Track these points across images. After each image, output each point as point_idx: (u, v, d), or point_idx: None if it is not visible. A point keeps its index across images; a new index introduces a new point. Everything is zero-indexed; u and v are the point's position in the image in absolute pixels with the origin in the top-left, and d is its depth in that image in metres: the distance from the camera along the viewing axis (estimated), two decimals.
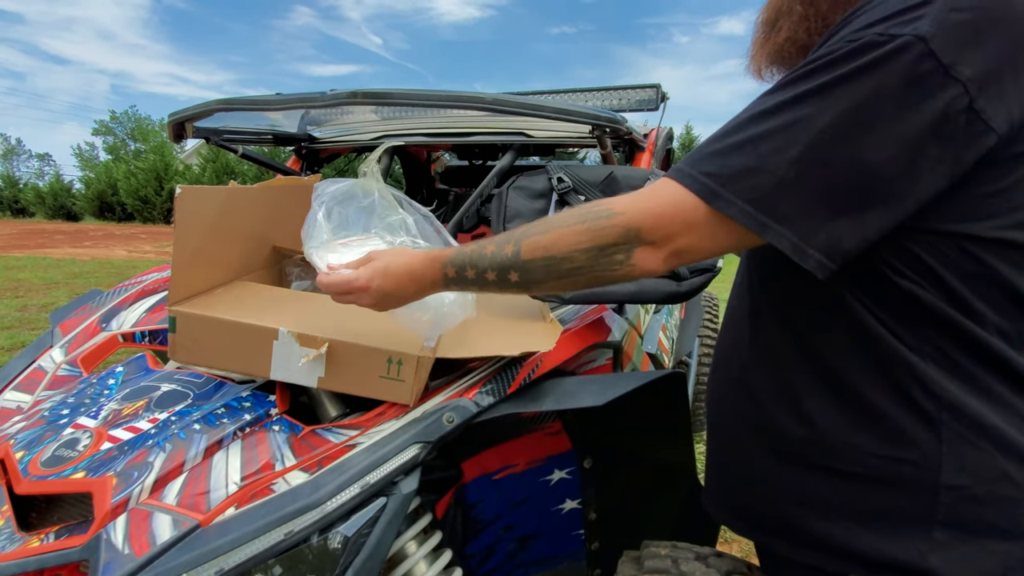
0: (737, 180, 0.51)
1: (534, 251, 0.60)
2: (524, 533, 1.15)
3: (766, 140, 0.51)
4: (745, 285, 0.69)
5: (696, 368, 2.45)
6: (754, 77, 0.72)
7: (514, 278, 0.62)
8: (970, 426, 0.52)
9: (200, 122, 1.31)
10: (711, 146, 0.55)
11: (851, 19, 0.52)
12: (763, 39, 0.69)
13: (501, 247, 0.63)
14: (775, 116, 0.51)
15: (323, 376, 0.81)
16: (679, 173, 0.55)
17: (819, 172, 0.49)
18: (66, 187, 18.84)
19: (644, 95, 1.59)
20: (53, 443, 0.77)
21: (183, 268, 0.84)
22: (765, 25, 0.68)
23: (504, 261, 0.62)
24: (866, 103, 0.48)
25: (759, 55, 0.70)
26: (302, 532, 0.63)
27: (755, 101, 0.55)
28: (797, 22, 0.64)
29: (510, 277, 0.62)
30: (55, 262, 7.50)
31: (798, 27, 0.64)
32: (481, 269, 0.64)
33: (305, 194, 1.10)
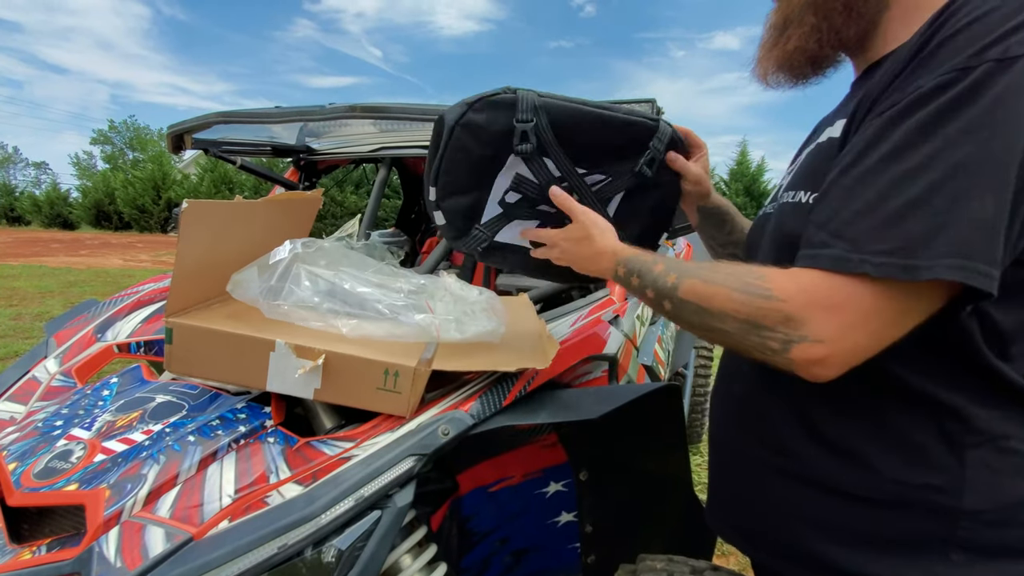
0: (930, 244, 0.46)
1: (690, 294, 0.59)
2: (520, 546, 1.14)
3: (938, 193, 0.46)
4: None
5: (692, 380, 2.45)
6: (759, 81, 0.71)
7: (667, 307, 0.62)
8: (993, 452, 0.52)
9: (199, 134, 1.32)
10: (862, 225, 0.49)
11: (930, 44, 0.50)
12: (771, 44, 0.68)
13: (667, 272, 0.63)
14: (932, 167, 0.46)
15: (319, 388, 0.81)
16: (839, 262, 0.49)
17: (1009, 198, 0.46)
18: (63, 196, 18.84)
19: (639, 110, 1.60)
20: (46, 455, 0.77)
21: (183, 280, 0.84)
22: (774, 29, 0.67)
23: (663, 288, 0.62)
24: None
25: (766, 59, 0.69)
26: (296, 545, 0.63)
27: (875, 159, 0.49)
28: (808, 32, 0.63)
29: (664, 304, 0.62)
30: (51, 271, 7.47)
31: (809, 37, 0.63)
32: (645, 283, 0.65)
33: (308, 209, 1.10)
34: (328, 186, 1.62)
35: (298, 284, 0.87)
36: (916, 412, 0.54)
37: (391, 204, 9.53)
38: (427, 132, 1.77)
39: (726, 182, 15.60)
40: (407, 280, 0.97)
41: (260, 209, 0.99)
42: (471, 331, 0.89)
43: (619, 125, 0.81)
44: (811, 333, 0.50)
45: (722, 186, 15.50)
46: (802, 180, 0.64)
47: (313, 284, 0.87)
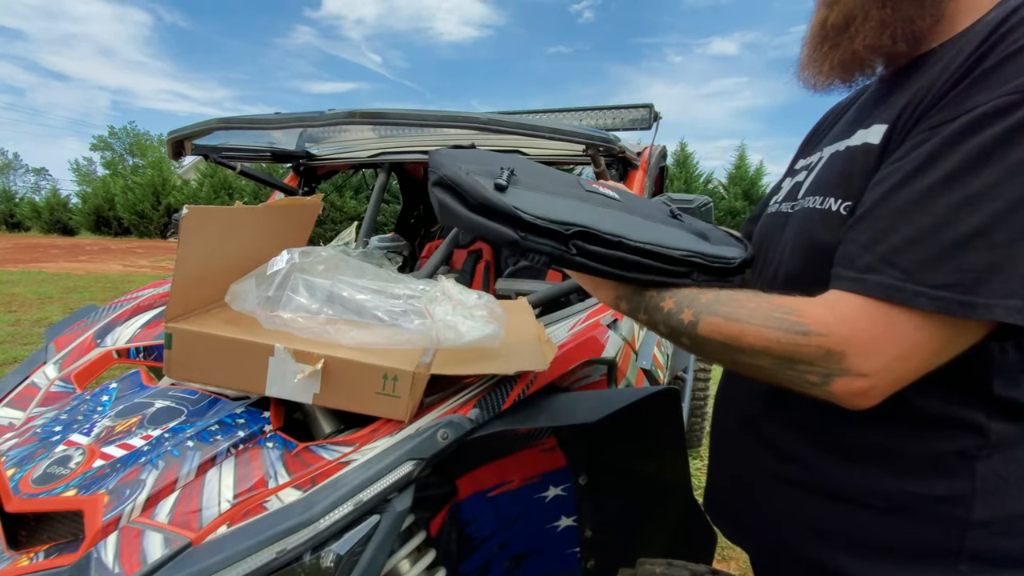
0: (990, 280, 0.44)
1: (713, 332, 0.55)
2: (519, 551, 1.14)
3: (1000, 226, 0.43)
4: None
5: (691, 384, 2.45)
6: (807, 86, 0.65)
7: (686, 343, 0.59)
8: (1004, 463, 0.52)
9: (199, 140, 1.33)
10: (917, 253, 0.46)
11: (991, 56, 0.47)
12: (829, 44, 0.61)
13: (679, 308, 0.58)
14: (993, 196, 0.44)
15: (318, 392, 0.81)
16: (891, 291, 0.46)
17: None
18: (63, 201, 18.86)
19: (637, 114, 1.62)
20: (45, 460, 0.77)
21: (182, 285, 0.84)
22: (833, 29, 0.60)
23: (678, 326, 0.58)
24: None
25: (822, 61, 0.62)
26: (295, 550, 0.63)
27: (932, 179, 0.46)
28: (877, 28, 0.57)
29: (682, 340, 0.59)
30: (50, 276, 7.47)
31: (880, 33, 0.57)
32: (654, 320, 0.61)
33: (307, 214, 1.11)
34: (328, 191, 1.63)
35: (296, 293, 0.87)
36: (928, 423, 0.54)
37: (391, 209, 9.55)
38: (425, 138, 1.78)
39: (725, 186, 15.63)
40: (405, 285, 0.97)
41: (260, 215, 1.00)
42: (470, 335, 0.89)
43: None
44: (854, 367, 0.47)
45: (720, 190, 15.54)
46: (830, 185, 0.60)
47: (311, 293, 0.88)
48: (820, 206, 0.59)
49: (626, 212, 0.68)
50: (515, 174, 0.64)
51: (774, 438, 0.64)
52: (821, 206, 0.59)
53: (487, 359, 0.88)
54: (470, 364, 0.86)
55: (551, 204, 0.60)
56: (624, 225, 0.62)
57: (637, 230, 0.62)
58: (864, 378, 0.47)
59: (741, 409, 0.71)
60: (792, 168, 0.77)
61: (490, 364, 0.86)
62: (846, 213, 0.55)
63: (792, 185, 0.71)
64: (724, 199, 15.02)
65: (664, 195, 1.42)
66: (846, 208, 0.55)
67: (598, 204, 0.67)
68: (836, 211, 0.57)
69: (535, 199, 0.60)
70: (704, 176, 15.70)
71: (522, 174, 0.67)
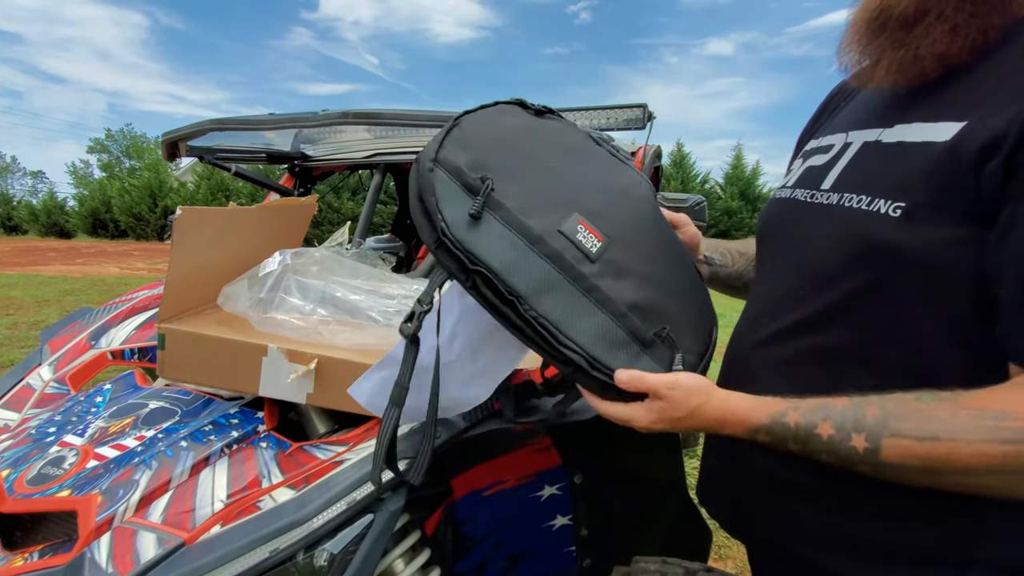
0: None
1: (907, 458, 0.48)
2: (515, 550, 1.14)
3: None
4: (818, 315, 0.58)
5: None
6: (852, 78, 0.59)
7: (864, 470, 0.51)
8: None
9: (194, 141, 1.33)
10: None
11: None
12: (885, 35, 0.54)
13: (845, 434, 0.50)
14: None
15: (312, 392, 0.81)
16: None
17: None
18: (59, 204, 18.81)
19: (631, 114, 1.61)
20: (39, 461, 0.77)
21: (176, 286, 0.84)
22: (898, 21, 0.52)
23: (851, 455, 0.50)
24: None
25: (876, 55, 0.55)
26: (288, 549, 0.63)
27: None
28: (949, 33, 0.50)
29: (858, 468, 0.51)
30: (47, 279, 7.45)
31: (951, 40, 0.50)
32: (812, 451, 0.53)
33: (302, 215, 1.11)
34: (324, 192, 1.63)
35: (289, 294, 0.87)
36: None
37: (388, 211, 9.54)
38: (420, 138, 1.78)
39: (721, 186, 15.67)
40: (399, 285, 0.97)
41: (254, 215, 1.00)
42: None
43: None
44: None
45: (717, 190, 15.58)
46: (876, 185, 0.54)
47: (304, 294, 0.88)
48: (868, 207, 0.54)
49: (569, 279, 0.61)
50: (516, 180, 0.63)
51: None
52: (869, 207, 0.54)
53: None
54: None
55: (484, 236, 0.59)
56: (539, 289, 0.59)
57: (551, 301, 0.59)
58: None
59: None
60: (803, 149, 0.71)
61: None
62: (897, 214, 0.51)
63: (806, 169, 0.65)
64: (721, 199, 15.06)
65: (659, 194, 1.42)
66: (897, 209, 0.51)
67: (547, 251, 0.61)
68: (885, 213, 0.52)
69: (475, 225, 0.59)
70: (701, 176, 15.73)
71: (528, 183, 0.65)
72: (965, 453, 0.45)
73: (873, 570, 0.56)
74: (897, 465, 0.48)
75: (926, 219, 0.49)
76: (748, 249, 0.89)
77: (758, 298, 0.69)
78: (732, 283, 0.88)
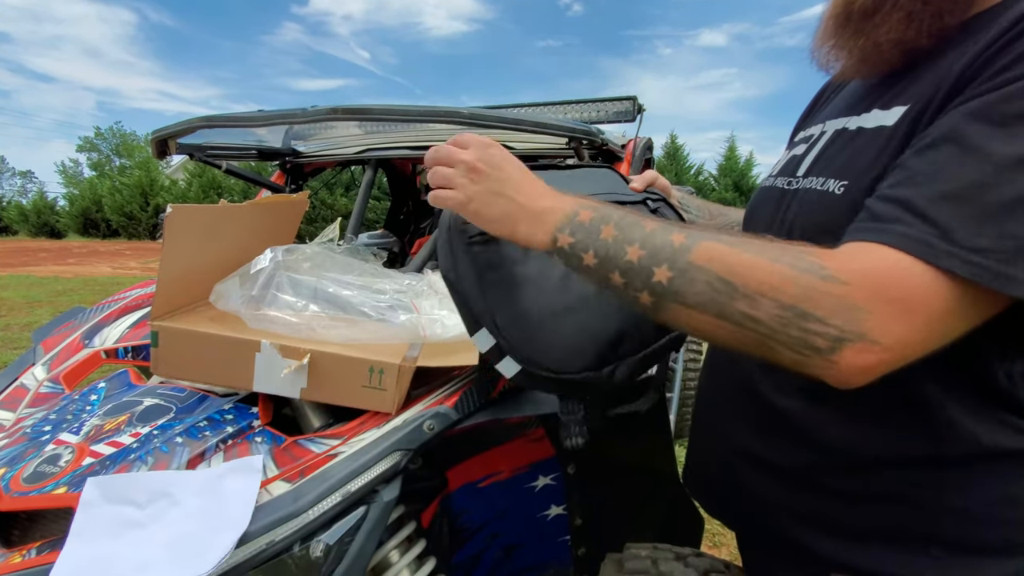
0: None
1: (710, 260, 0.45)
2: (510, 541, 1.16)
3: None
4: None
5: (681, 375, 2.47)
6: (822, 69, 0.61)
7: (660, 275, 0.47)
8: (981, 451, 0.51)
9: (184, 139, 1.33)
10: (954, 211, 0.41)
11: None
12: (850, 29, 0.56)
13: (666, 230, 0.48)
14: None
15: (305, 387, 0.82)
16: (922, 247, 0.41)
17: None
18: (49, 204, 18.64)
19: (621, 107, 1.63)
20: (35, 459, 0.77)
21: (168, 284, 0.85)
22: (859, 13, 0.55)
23: (663, 248, 0.47)
24: None
25: (841, 47, 0.58)
26: (284, 541, 0.64)
27: (982, 143, 0.41)
28: (904, 20, 0.52)
29: (656, 271, 0.47)
30: (38, 280, 7.40)
31: (906, 26, 0.53)
32: (626, 239, 0.49)
33: (294, 212, 1.11)
34: (316, 188, 1.63)
35: (281, 291, 0.88)
36: (910, 409, 0.53)
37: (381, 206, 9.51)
38: (411, 133, 1.78)
39: (715, 177, 15.68)
40: (392, 280, 0.98)
41: (245, 213, 1.00)
42: (456, 329, 0.91)
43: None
44: (871, 331, 0.40)
45: (711, 182, 15.59)
46: (830, 166, 0.57)
47: (296, 290, 0.88)
48: (820, 187, 0.56)
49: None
50: None
51: (757, 420, 0.64)
52: (821, 187, 0.55)
53: (473, 351, 0.89)
54: (456, 356, 0.87)
55: None
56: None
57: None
58: (876, 347, 0.41)
59: (725, 389, 0.71)
60: (792, 140, 0.74)
61: (476, 356, 0.87)
62: (840, 192, 0.52)
63: (789, 159, 0.67)
64: (715, 190, 15.07)
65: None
66: (840, 188, 0.52)
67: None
68: (832, 191, 0.53)
69: None
70: (694, 168, 15.74)
71: None
72: (762, 269, 0.43)
73: (844, 547, 0.58)
74: (700, 269, 0.45)
75: (860, 193, 0.50)
76: (730, 212, 0.94)
77: None
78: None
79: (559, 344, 0.61)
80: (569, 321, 0.62)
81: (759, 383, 0.63)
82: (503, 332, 0.60)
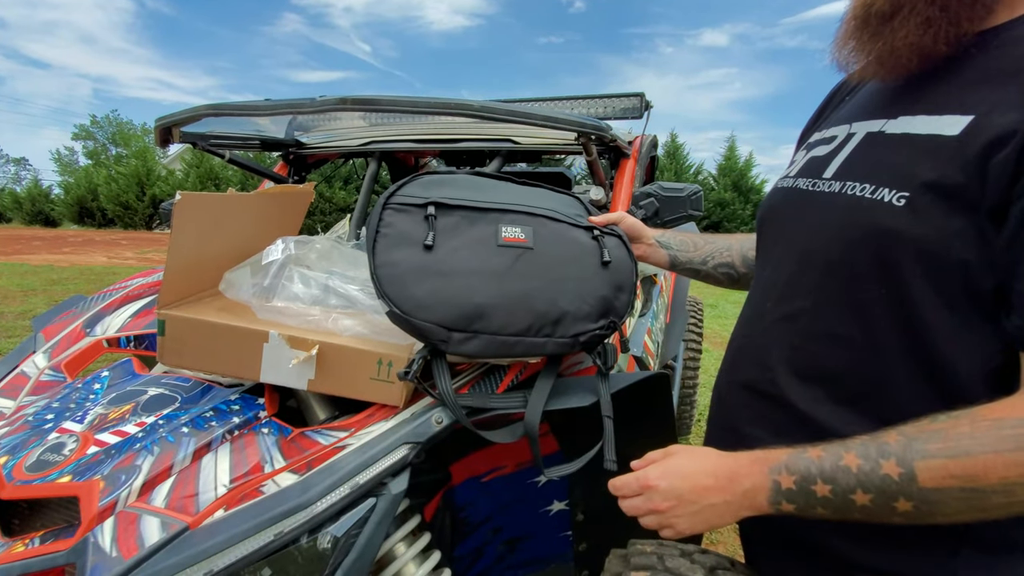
0: None
1: (943, 479, 0.47)
2: (512, 535, 1.16)
3: None
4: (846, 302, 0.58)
5: (681, 373, 2.48)
6: (841, 70, 0.62)
7: (903, 507, 0.48)
8: None
9: (188, 127, 1.31)
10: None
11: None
12: (868, 32, 0.57)
13: (874, 463, 0.49)
14: None
15: (313, 378, 0.81)
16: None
17: None
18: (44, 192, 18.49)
19: (628, 103, 1.62)
20: (38, 448, 0.77)
21: (175, 273, 0.84)
22: (877, 17, 0.56)
23: (888, 485, 0.48)
24: None
25: (859, 49, 0.59)
26: (292, 533, 0.64)
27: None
28: (922, 25, 0.53)
29: (897, 506, 0.49)
30: (32, 268, 7.34)
31: (923, 32, 0.53)
32: (844, 488, 0.50)
33: (300, 202, 1.10)
34: (317, 181, 1.62)
35: (291, 283, 0.87)
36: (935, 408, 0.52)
37: None
38: (417, 125, 1.77)
39: (715, 177, 15.71)
40: None
41: (252, 202, 0.99)
42: None
43: None
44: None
45: (711, 181, 15.61)
46: (881, 174, 0.56)
47: (305, 283, 0.88)
48: (872, 195, 0.55)
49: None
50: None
51: (779, 422, 0.64)
52: (873, 196, 0.55)
53: None
54: None
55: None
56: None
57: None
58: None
59: (744, 390, 0.70)
60: (807, 140, 0.73)
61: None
62: (901, 204, 0.53)
63: (808, 159, 0.67)
64: (714, 190, 15.09)
65: (655, 184, 1.42)
66: (901, 199, 0.53)
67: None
68: (889, 202, 0.54)
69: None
70: (694, 167, 15.75)
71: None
72: (1000, 464, 0.45)
73: (862, 546, 0.57)
74: (936, 489, 0.47)
75: (928, 208, 0.51)
76: (715, 239, 0.95)
77: (761, 286, 0.71)
78: (696, 267, 0.94)
79: (416, 295, 0.73)
80: (430, 282, 0.74)
81: (784, 387, 0.62)
82: (378, 271, 0.74)
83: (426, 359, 0.75)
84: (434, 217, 0.78)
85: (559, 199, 0.94)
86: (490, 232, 0.80)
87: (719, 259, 0.93)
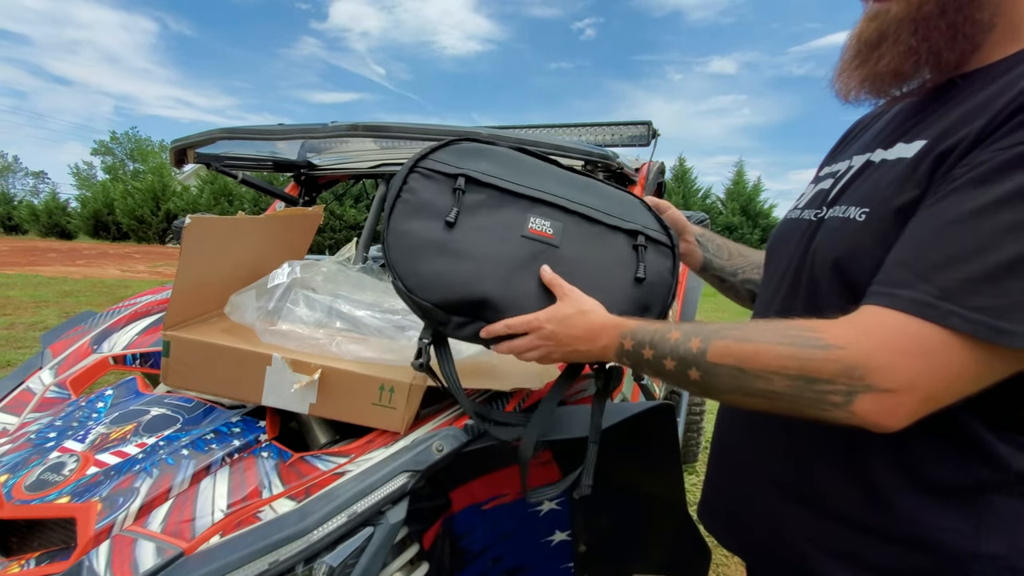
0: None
1: (723, 356, 0.54)
2: (513, 565, 1.13)
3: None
4: None
5: (687, 399, 2.45)
6: (838, 96, 0.65)
7: (694, 376, 0.56)
8: (1014, 497, 0.51)
9: (202, 149, 1.34)
10: (952, 271, 0.45)
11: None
12: (858, 60, 0.61)
13: (687, 337, 0.58)
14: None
15: (314, 403, 0.81)
16: (923, 308, 0.46)
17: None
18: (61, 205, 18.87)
19: (636, 131, 1.63)
20: (38, 467, 0.77)
21: (182, 294, 0.85)
22: (866, 45, 0.60)
23: (687, 355, 0.57)
24: None
25: (850, 75, 0.62)
26: (287, 562, 0.63)
27: (979, 202, 0.46)
28: (904, 54, 0.57)
29: (690, 374, 0.57)
30: (46, 280, 7.45)
31: (904, 59, 0.57)
32: (661, 353, 0.60)
33: (308, 224, 1.12)
34: (328, 200, 1.64)
35: (296, 306, 0.88)
36: (943, 452, 0.53)
37: None
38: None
39: (723, 201, 15.74)
40: None
41: (261, 225, 1.01)
42: (469, 349, 0.90)
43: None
44: (879, 382, 0.46)
45: (719, 205, 15.64)
46: (854, 195, 0.60)
47: (310, 307, 0.88)
48: (843, 215, 0.59)
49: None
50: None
51: (792, 457, 0.63)
52: (844, 215, 0.59)
53: (484, 374, 0.89)
54: (467, 378, 0.86)
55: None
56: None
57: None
58: (890, 394, 0.46)
59: (753, 419, 0.69)
60: (817, 175, 0.76)
61: (486, 379, 0.86)
62: (862, 219, 0.56)
63: (815, 192, 0.70)
64: (722, 214, 15.12)
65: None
66: (863, 215, 0.56)
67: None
68: (854, 219, 0.57)
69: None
70: (702, 191, 15.81)
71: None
72: (764, 352, 0.51)
73: None
74: (717, 364, 0.54)
75: (881, 220, 0.54)
76: (751, 254, 0.94)
77: (761, 312, 0.73)
78: (724, 276, 0.94)
79: (422, 272, 0.72)
80: (440, 261, 0.72)
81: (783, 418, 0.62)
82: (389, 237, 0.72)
83: (429, 344, 0.73)
84: (462, 192, 0.74)
85: (609, 195, 0.83)
86: (516, 220, 0.75)
87: (748, 274, 0.92)
